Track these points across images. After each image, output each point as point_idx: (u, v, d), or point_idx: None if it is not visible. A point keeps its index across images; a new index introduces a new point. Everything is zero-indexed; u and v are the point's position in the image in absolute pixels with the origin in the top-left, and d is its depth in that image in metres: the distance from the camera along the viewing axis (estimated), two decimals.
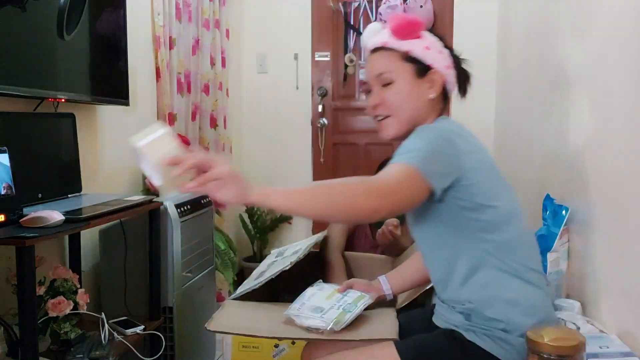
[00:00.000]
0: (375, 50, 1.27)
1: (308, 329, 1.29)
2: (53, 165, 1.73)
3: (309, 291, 1.46)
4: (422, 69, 1.23)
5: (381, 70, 1.24)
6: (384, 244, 2.09)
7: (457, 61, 1.28)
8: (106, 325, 1.66)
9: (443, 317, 1.26)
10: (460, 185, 1.13)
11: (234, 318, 1.43)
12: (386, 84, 1.24)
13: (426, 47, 1.24)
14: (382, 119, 1.26)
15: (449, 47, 1.28)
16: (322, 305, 1.35)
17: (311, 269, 1.99)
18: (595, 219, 1.45)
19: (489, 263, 1.16)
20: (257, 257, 3.33)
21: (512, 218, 1.19)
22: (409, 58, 1.23)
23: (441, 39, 1.28)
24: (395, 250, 2.16)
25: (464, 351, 1.16)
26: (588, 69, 1.55)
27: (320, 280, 1.56)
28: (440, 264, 1.23)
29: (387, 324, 1.34)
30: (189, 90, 2.67)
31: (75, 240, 1.86)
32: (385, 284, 1.48)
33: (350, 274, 1.96)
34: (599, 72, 1.47)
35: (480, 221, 1.16)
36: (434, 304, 1.37)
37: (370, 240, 2.25)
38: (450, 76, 1.27)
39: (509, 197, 1.21)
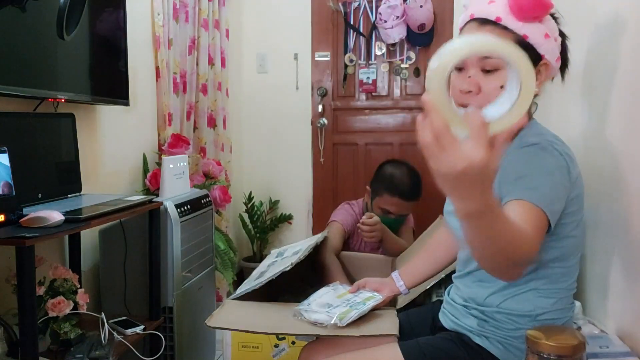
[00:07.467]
0: (484, 22, 1.05)
1: (313, 324, 1.30)
2: (53, 165, 1.73)
3: (323, 290, 1.48)
4: (533, 58, 1.01)
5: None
6: (369, 239, 2.12)
7: (564, 49, 1.11)
8: (106, 325, 1.65)
9: (452, 318, 1.23)
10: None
11: (233, 315, 1.43)
12: (489, 71, 1.04)
13: (546, 35, 1.04)
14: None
15: (562, 33, 1.11)
16: (331, 302, 1.37)
17: (312, 270, 1.99)
18: (595, 219, 1.45)
19: (536, 285, 1.11)
20: (257, 257, 3.33)
21: (579, 248, 1.13)
22: (523, 44, 1.02)
23: (557, 22, 1.09)
24: (394, 250, 2.16)
25: (472, 356, 1.14)
26: (588, 67, 1.55)
27: (338, 282, 1.57)
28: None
29: (387, 321, 1.34)
30: (184, 91, 2.66)
31: (75, 240, 1.86)
32: (399, 280, 1.47)
33: (349, 275, 1.96)
34: (599, 71, 1.47)
35: (554, 249, 1.06)
36: (438, 301, 1.36)
37: (369, 243, 2.25)
38: (556, 69, 1.11)
39: (582, 225, 1.10)
